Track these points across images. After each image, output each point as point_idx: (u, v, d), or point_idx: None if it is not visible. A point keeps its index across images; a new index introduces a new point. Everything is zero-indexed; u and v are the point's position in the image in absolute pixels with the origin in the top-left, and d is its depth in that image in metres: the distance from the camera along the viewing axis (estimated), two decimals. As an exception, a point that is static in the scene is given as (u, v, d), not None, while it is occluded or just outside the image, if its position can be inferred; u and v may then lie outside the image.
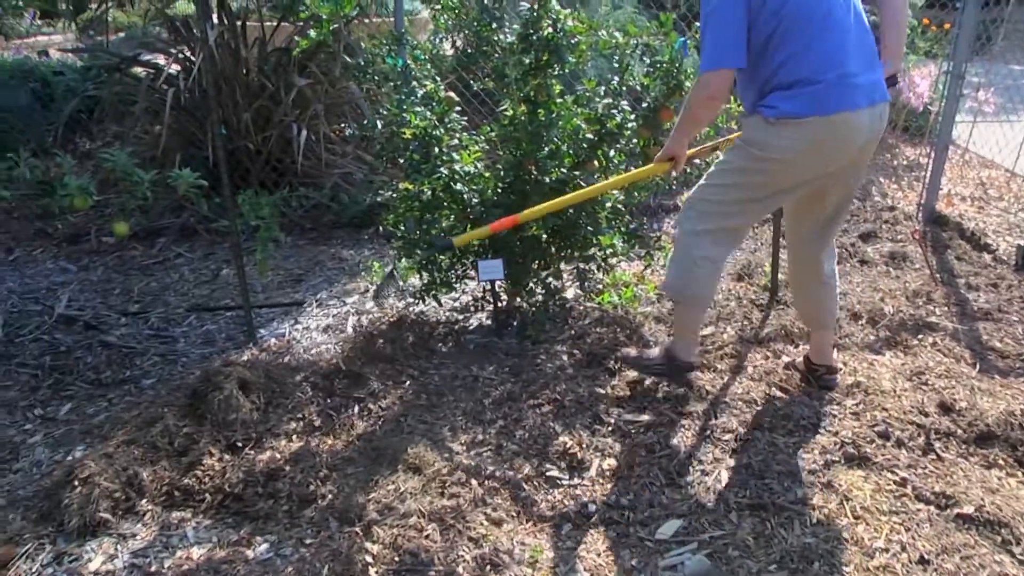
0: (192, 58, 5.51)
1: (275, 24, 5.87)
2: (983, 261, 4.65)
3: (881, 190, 6.07)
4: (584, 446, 2.89)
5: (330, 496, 2.67)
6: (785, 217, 3.22)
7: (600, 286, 3.82)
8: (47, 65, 7.36)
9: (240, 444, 2.95)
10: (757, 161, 2.78)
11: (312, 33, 3.37)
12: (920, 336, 3.69)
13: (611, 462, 2.82)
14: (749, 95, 2.82)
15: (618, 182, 3.32)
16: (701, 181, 2.97)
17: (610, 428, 3.01)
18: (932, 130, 5.35)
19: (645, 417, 3.07)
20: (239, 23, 5.57)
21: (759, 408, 3.11)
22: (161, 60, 6.02)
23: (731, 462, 2.80)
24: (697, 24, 3.21)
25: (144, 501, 2.69)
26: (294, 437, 3.01)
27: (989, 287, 4.26)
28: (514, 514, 2.58)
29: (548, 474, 2.77)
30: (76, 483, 2.67)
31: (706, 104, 2.81)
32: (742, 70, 2.74)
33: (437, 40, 3.93)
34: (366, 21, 6.17)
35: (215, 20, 5.39)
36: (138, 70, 5.96)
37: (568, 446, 2.87)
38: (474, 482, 2.70)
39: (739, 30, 2.63)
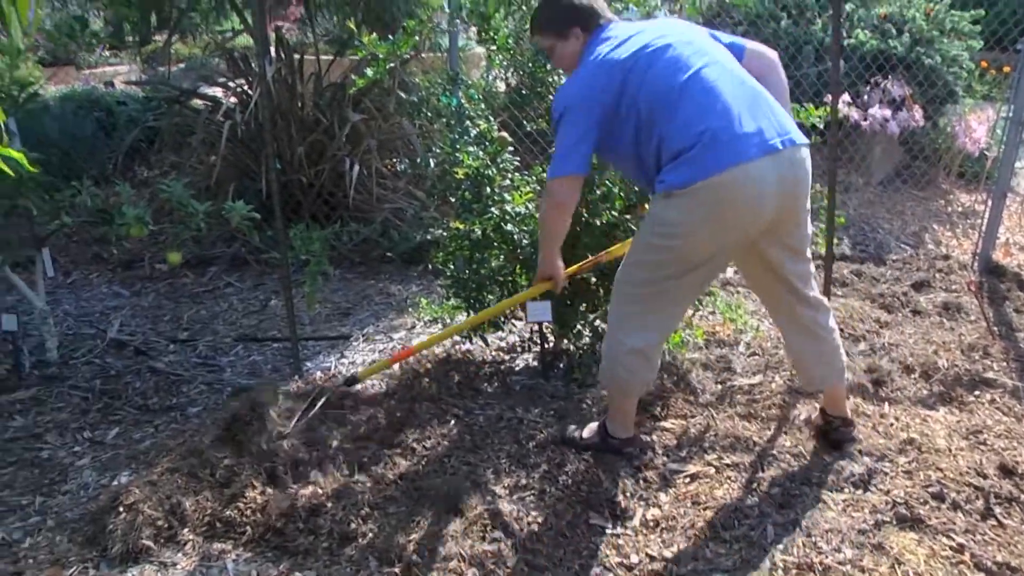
0: (249, 92, 5.62)
1: (331, 59, 5.98)
2: (1043, 314, 4.53)
3: (934, 238, 5.96)
4: (628, 494, 2.84)
5: (370, 535, 2.66)
6: (747, 283, 3.15)
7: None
8: (112, 95, 7.60)
9: (282, 475, 2.95)
10: (660, 238, 2.68)
11: (369, 71, 3.41)
12: (977, 392, 3.59)
13: (655, 512, 2.77)
14: (642, 181, 2.82)
15: (499, 308, 3.34)
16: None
17: (655, 477, 2.97)
18: (989, 176, 5.25)
19: (691, 467, 3.02)
20: (296, 58, 5.67)
21: (807, 462, 3.04)
22: (219, 93, 6.16)
23: (778, 517, 2.73)
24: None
25: (186, 531, 2.71)
26: (337, 473, 3.00)
27: (1050, 343, 4.15)
28: (555, 562, 2.54)
29: (591, 522, 2.72)
30: (121, 509, 2.71)
31: (557, 212, 2.82)
32: (625, 162, 2.77)
33: (490, 77, 3.97)
34: (419, 57, 6.25)
35: (273, 55, 5.50)
36: (197, 102, 6.10)
37: (612, 494, 2.83)
38: (516, 527, 2.67)
39: (585, 134, 2.65)
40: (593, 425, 3.17)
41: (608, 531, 2.69)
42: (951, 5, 7.18)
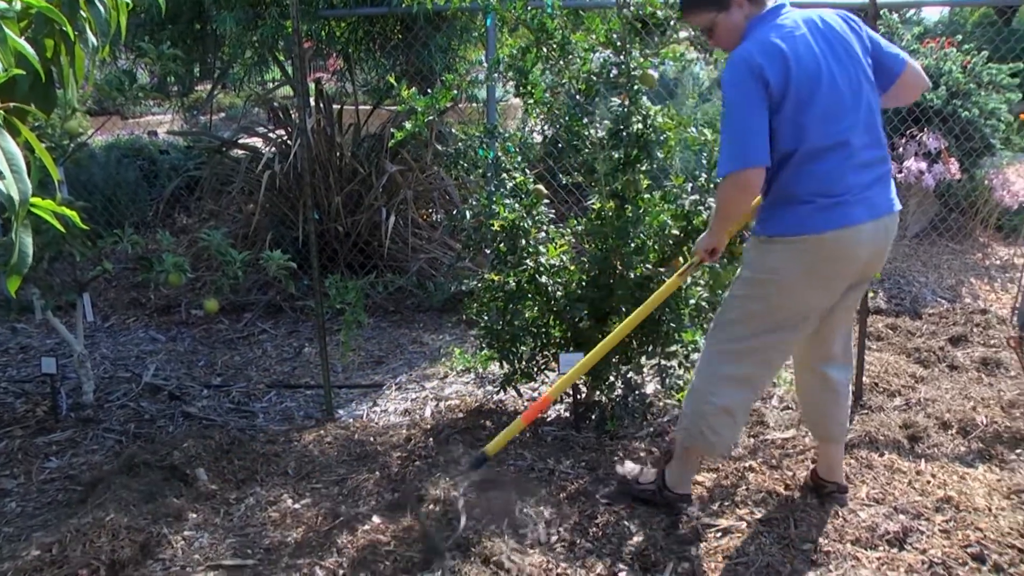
0: (288, 142, 5.74)
1: (370, 110, 6.09)
2: (1084, 371, 4.45)
3: (972, 291, 5.89)
4: (659, 547, 2.81)
5: (398, 585, 2.65)
6: None
7: (681, 383, 3.75)
8: (155, 144, 7.80)
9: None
10: (758, 286, 2.71)
11: (407, 124, 3.47)
12: (1018, 451, 3.52)
13: (686, 566, 2.74)
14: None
15: (657, 297, 3.12)
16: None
17: (687, 531, 2.93)
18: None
19: (723, 521, 2.98)
20: (335, 109, 5.79)
21: (841, 519, 2.99)
22: (259, 143, 6.29)
23: (811, 574, 2.69)
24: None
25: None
26: (368, 520, 3.01)
27: (1092, 400, 4.06)
28: (585, 617, 2.52)
29: (620, 575, 2.70)
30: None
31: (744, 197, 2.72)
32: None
33: (526, 129, 4.01)
34: (457, 108, 6.35)
35: (312, 106, 5.62)
36: (237, 152, 6.23)
37: (643, 547, 2.80)
38: (545, 580, 2.65)
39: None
40: (651, 472, 3.12)
41: (639, 585, 2.66)
42: (989, 58, 7.19)
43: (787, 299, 2.66)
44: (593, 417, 3.73)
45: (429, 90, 3.49)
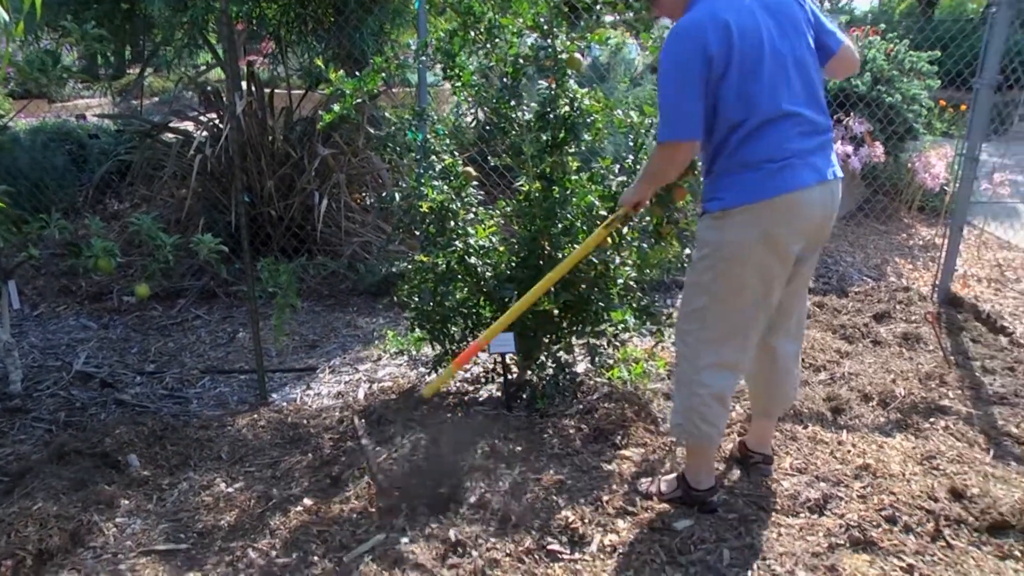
0: (220, 125, 5.67)
1: (302, 93, 6.05)
2: (999, 344, 4.62)
3: (896, 270, 6.08)
4: (587, 521, 2.88)
5: (329, 563, 2.68)
6: None
7: (611, 361, 3.83)
8: (84, 128, 7.62)
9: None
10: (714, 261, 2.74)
11: (336, 107, 3.47)
12: (932, 419, 3.67)
13: (613, 538, 2.81)
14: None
15: (586, 246, 3.18)
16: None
17: (614, 504, 3.00)
18: (947, 211, 5.39)
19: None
20: (267, 92, 5.74)
21: (765, 489, 3.09)
22: (191, 127, 6.21)
23: (734, 542, 2.77)
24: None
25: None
26: (300, 502, 3.03)
27: (1005, 371, 4.23)
28: (513, 588, 2.58)
29: (549, 548, 2.75)
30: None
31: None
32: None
33: (460, 113, 4.03)
34: (391, 93, 6.34)
35: (244, 89, 5.56)
36: (169, 136, 6.14)
37: (571, 520, 2.86)
38: (475, 552, 2.69)
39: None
40: (671, 478, 3.08)
41: (566, 556, 2.72)
42: (911, 46, 7.39)
43: (749, 271, 2.68)
44: (524, 396, 3.78)
45: (358, 73, 3.49)
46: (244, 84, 5.64)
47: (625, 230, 3.61)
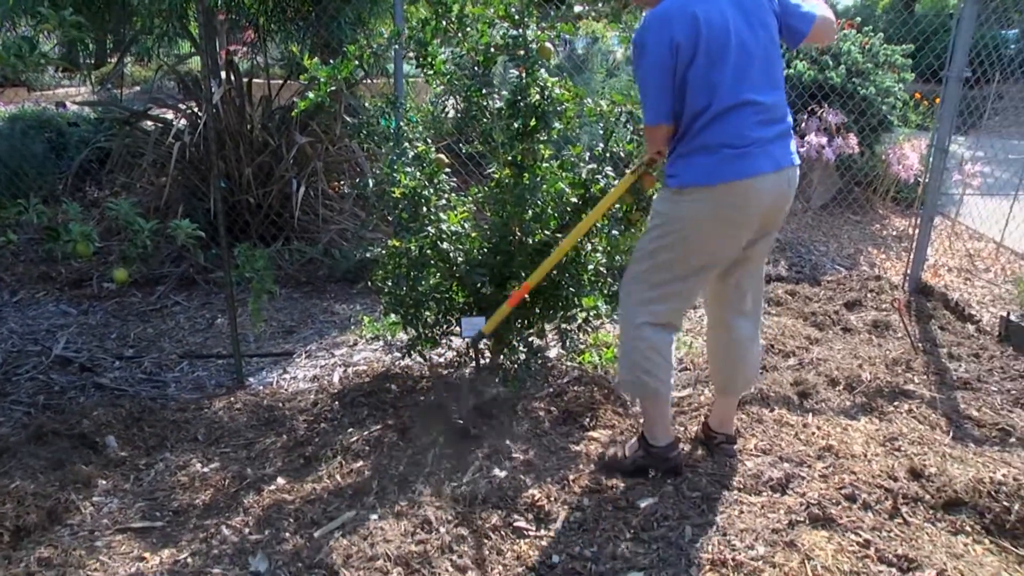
0: (199, 113, 5.70)
1: (281, 82, 6.08)
2: (966, 331, 4.72)
3: (869, 259, 6.18)
4: (552, 499, 2.94)
5: (300, 539, 2.73)
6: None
7: (582, 346, 3.89)
8: (63, 116, 7.62)
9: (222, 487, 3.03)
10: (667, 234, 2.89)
11: (310, 95, 3.51)
12: (896, 403, 3.75)
13: (578, 515, 2.88)
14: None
15: (606, 202, 3.24)
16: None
17: (580, 483, 3.07)
18: (921, 201, 5.48)
19: (616, 474, 3.12)
20: (246, 81, 5.77)
21: (728, 468, 3.16)
22: (171, 115, 6.23)
23: (696, 519, 2.85)
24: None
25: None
26: (273, 481, 3.08)
27: (971, 357, 4.32)
28: (479, 562, 2.63)
29: (515, 524, 2.82)
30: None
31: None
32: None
33: (439, 102, 4.07)
34: (369, 82, 6.37)
35: (222, 77, 5.59)
36: (148, 124, 6.16)
37: (537, 498, 2.93)
38: (443, 529, 2.75)
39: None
40: (632, 442, 3.22)
41: (532, 533, 2.78)
42: (892, 41, 7.48)
43: (696, 246, 2.85)
44: (497, 380, 3.83)
45: (332, 61, 3.53)
46: (223, 73, 5.66)
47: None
